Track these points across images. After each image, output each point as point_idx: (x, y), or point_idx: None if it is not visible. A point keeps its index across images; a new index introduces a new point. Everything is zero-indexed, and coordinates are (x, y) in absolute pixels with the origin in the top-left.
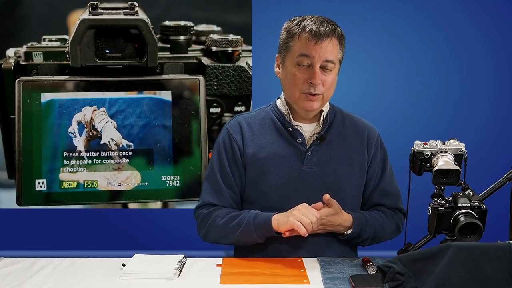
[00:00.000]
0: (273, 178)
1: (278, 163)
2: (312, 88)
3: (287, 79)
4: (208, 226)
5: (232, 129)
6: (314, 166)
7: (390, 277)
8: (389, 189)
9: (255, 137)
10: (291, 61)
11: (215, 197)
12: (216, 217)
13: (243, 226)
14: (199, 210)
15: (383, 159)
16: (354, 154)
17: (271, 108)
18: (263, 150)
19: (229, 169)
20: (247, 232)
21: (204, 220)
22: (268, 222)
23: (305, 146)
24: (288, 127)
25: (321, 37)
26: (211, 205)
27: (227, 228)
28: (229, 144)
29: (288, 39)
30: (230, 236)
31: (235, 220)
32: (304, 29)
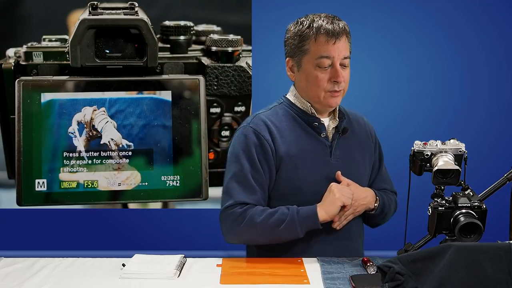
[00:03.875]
0: (307, 173)
1: (309, 158)
2: (336, 85)
3: (309, 81)
4: (244, 225)
5: (258, 128)
6: (339, 158)
7: (390, 277)
8: (385, 175)
9: (283, 134)
10: (310, 63)
11: (247, 196)
12: (253, 215)
13: (286, 221)
14: (230, 210)
15: (380, 147)
16: (363, 145)
17: (286, 105)
18: (294, 147)
19: (261, 168)
20: (291, 226)
21: (238, 219)
22: (313, 215)
23: (328, 139)
24: (314, 123)
25: (338, 36)
26: (244, 204)
27: (267, 225)
28: (259, 143)
29: (302, 43)
30: (270, 232)
31: (274, 216)
32: (319, 30)
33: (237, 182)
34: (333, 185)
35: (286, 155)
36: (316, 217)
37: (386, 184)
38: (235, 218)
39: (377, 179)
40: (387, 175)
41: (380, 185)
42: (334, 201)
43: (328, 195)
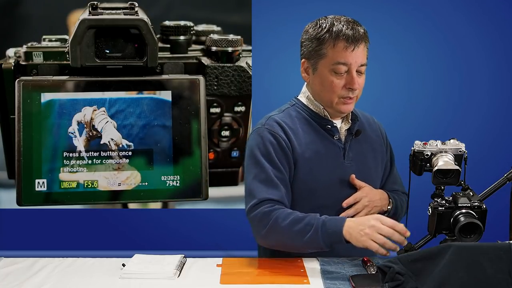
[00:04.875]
0: (321, 176)
1: (323, 160)
2: (350, 92)
3: (324, 85)
4: (269, 227)
5: (274, 128)
6: (352, 161)
7: (390, 277)
8: (396, 176)
9: (298, 136)
10: (326, 67)
11: (271, 193)
12: (277, 218)
13: (310, 233)
14: (257, 209)
15: (391, 147)
16: (375, 147)
17: (299, 107)
18: (308, 149)
19: (281, 165)
20: (314, 240)
21: (263, 219)
22: (338, 233)
23: (341, 142)
24: (326, 125)
25: (357, 43)
26: (269, 201)
27: (291, 232)
28: (276, 142)
29: (319, 46)
30: (293, 241)
31: (300, 225)
32: (338, 35)
33: (259, 181)
34: (377, 218)
35: (301, 157)
36: (341, 236)
37: (397, 185)
38: (261, 217)
39: (388, 180)
40: (398, 176)
41: (391, 186)
42: (360, 241)
43: (363, 223)
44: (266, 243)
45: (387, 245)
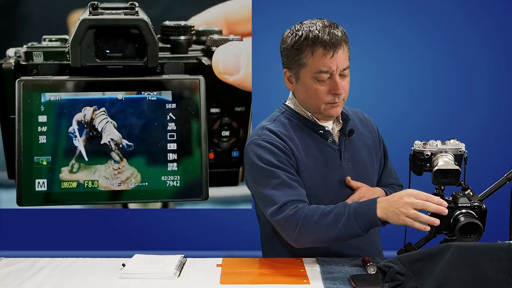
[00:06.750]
0: (321, 180)
1: (322, 165)
2: (336, 97)
3: (308, 93)
4: (300, 226)
5: (270, 138)
6: (348, 161)
7: (390, 277)
8: (391, 169)
9: (295, 143)
10: (308, 76)
11: (290, 194)
12: (305, 216)
13: (342, 222)
14: (282, 213)
15: (383, 142)
16: (368, 143)
17: (289, 114)
18: (306, 156)
19: (288, 167)
20: (350, 227)
21: (292, 220)
22: (373, 216)
23: (336, 144)
24: (319, 130)
25: (335, 48)
26: (291, 202)
27: (323, 225)
28: (276, 149)
29: (298, 56)
30: (328, 234)
31: (330, 216)
32: (315, 43)
33: (272, 188)
34: (409, 193)
35: (302, 164)
36: (376, 218)
37: (392, 178)
38: (287, 220)
39: (384, 174)
40: (392, 169)
41: (387, 180)
42: (400, 216)
43: (397, 201)
44: (301, 243)
45: (421, 218)
